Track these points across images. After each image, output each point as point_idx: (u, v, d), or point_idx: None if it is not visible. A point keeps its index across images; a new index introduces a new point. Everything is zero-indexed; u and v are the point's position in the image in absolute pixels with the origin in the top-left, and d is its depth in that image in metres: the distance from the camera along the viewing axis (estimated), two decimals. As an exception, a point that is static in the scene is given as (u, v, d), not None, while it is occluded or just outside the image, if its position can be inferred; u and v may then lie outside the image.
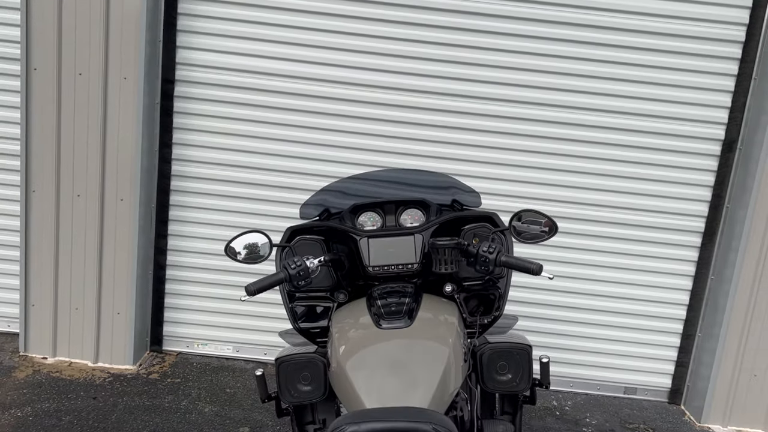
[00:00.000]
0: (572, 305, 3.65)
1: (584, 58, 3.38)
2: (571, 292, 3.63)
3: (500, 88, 3.41)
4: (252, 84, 3.43)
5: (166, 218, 3.56)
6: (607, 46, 3.37)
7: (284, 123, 3.46)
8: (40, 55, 3.21)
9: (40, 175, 3.32)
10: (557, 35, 3.36)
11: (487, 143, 3.47)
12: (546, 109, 3.44)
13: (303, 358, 1.97)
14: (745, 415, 3.52)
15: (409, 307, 1.94)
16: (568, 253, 3.57)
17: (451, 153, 3.47)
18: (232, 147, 3.49)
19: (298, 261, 1.99)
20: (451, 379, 1.75)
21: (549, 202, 3.47)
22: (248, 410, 3.22)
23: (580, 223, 3.55)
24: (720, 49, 3.36)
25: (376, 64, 3.40)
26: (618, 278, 3.62)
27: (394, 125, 3.46)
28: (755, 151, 3.31)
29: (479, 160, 3.48)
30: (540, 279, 3.48)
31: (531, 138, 3.47)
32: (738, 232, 3.38)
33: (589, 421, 3.46)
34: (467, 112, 3.44)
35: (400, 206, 2.25)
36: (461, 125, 3.45)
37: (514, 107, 3.44)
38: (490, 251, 1.97)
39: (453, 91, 3.41)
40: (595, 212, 3.55)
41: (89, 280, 3.42)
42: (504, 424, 2.12)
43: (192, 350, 3.71)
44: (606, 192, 3.53)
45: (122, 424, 3.00)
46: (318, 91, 3.43)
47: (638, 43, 3.36)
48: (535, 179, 3.51)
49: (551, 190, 3.51)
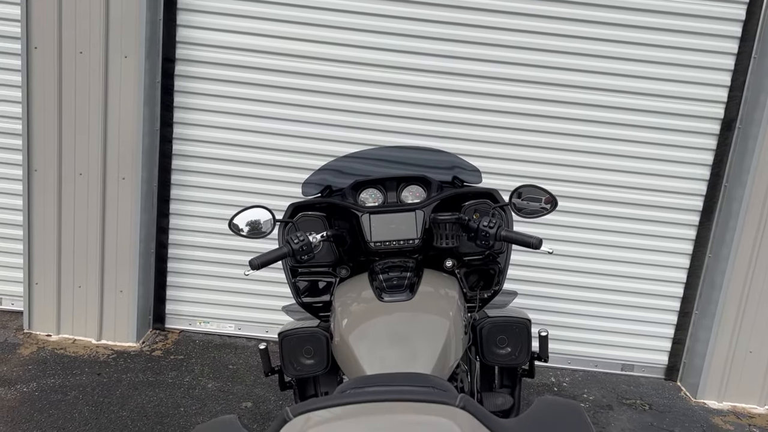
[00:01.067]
0: (570, 283, 3.68)
1: (583, 36, 3.38)
2: (569, 270, 3.66)
3: (497, 66, 3.42)
4: (253, 63, 3.43)
5: (168, 197, 3.58)
6: (607, 25, 3.37)
7: (286, 102, 3.47)
8: (40, 33, 3.21)
9: (42, 154, 3.33)
10: (553, 13, 3.34)
11: (481, 122, 3.48)
12: (545, 88, 3.44)
13: (306, 332, 2.00)
14: (739, 391, 3.57)
15: (410, 281, 1.97)
16: (566, 232, 3.60)
17: (449, 132, 3.48)
18: (233, 126, 3.50)
19: (300, 236, 2.01)
20: (452, 350, 1.79)
21: (548, 181, 3.48)
22: (251, 386, 3.27)
23: (578, 201, 3.57)
24: (720, 28, 3.37)
25: (376, 42, 3.41)
26: (616, 256, 3.65)
27: (395, 104, 3.47)
28: (754, 130, 3.32)
29: (475, 139, 3.49)
30: (539, 257, 3.56)
31: (529, 117, 3.48)
32: (735, 210, 3.40)
33: (586, 397, 3.51)
34: (461, 90, 3.44)
35: (401, 183, 2.27)
36: (459, 104, 3.46)
37: (514, 86, 3.44)
38: (490, 226, 1.99)
39: (452, 70, 3.42)
40: (594, 191, 3.57)
41: (92, 258, 3.44)
42: (503, 396, 2.16)
43: (194, 328, 3.75)
44: (605, 171, 3.55)
45: (127, 399, 3.04)
46: (319, 69, 3.43)
47: (637, 21, 3.36)
48: (534, 158, 3.53)
49: (549, 169, 3.53)
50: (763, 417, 3.51)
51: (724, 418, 3.45)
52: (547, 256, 3.43)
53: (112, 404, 3.00)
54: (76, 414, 2.90)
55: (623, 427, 3.25)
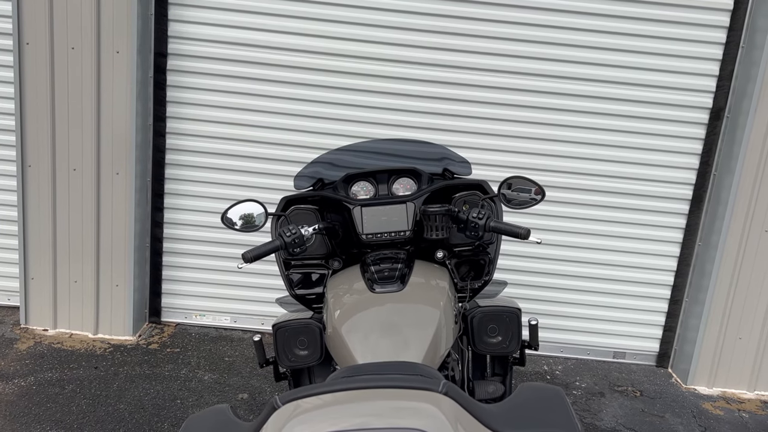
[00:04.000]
0: (562, 272, 3.72)
1: (571, 27, 3.39)
2: (560, 260, 3.70)
3: (487, 58, 3.44)
4: (244, 56, 3.44)
5: (162, 191, 3.59)
6: (594, 15, 3.38)
7: (279, 96, 3.49)
8: (31, 29, 3.21)
9: (36, 150, 3.34)
10: (544, 4, 3.37)
11: (473, 113, 3.50)
12: (533, 78, 3.46)
13: (299, 323, 2.03)
14: (729, 376, 3.62)
15: (401, 273, 1.99)
16: (556, 222, 3.63)
17: (441, 124, 3.51)
18: (226, 120, 3.52)
19: (293, 229, 2.04)
20: (443, 339, 1.82)
21: (538, 171, 3.52)
22: (247, 377, 3.30)
23: (568, 191, 3.60)
24: (708, 17, 3.39)
25: (369, 35, 3.42)
26: (607, 245, 3.69)
27: (386, 96, 3.49)
28: (742, 119, 3.36)
29: (467, 131, 3.52)
30: (530, 247, 3.60)
31: (518, 108, 3.50)
32: (724, 198, 3.44)
33: (579, 385, 3.56)
34: (454, 82, 3.46)
35: (392, 175, 2.30)
36: (450, 95, 3.48)
37: (502, 77, 3.46)
38: (479, 217, 2.02)
39: (439, 62, 3.44)
40: (584, 180, 3.60)
41: (87, 253, 3.46)
42: (494, 384, 2.19)
43: (190, 321, 3.78)
44: (594, 160, 3.58)
45: (124, 392, 3.08)
46: (311, 63, 3.45)
47: (625, 11, 3.38)
48: (523, 149, 3.55)
49: (539, 160, 3.56)
50: (752, 402, 3.56)
51: (714, 403, 3.51)
52: (537, 246, 3.48)
53: (109, 397, 3.03)
54: (74, 407, 2.93)
55: (615, 413, 3.30)
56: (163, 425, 2.87)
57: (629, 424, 3.22)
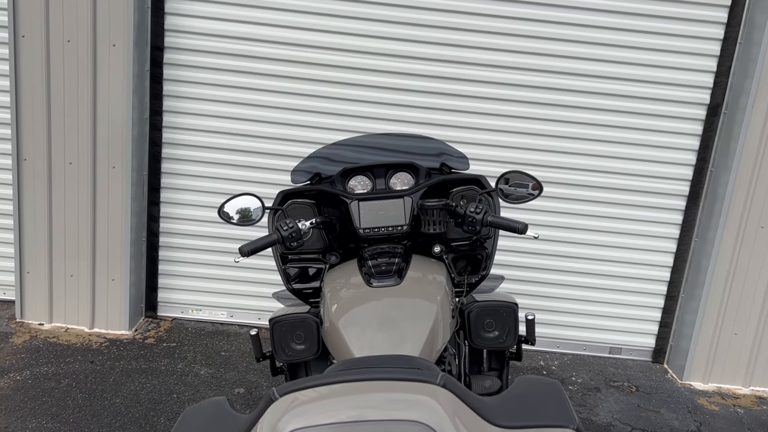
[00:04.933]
0: (559, 268, 3.72)
1: (570, 23, 3.39)
2: (557, 256, 3.70)
3: (483, 53, 3.43)
4: (242, 50, 3.43)
5: (158, 185, 3.58)
6: (592, 11, 3.38)
7: (276, 90, 3.48)
8: (27, 22, 3.19)
9: (31, 143, 3.33)
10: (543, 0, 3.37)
11: (470, 108, 3.50)
12: (532, 74, 3.46)
13: (296, 317, 2.02)
14: (724, 372, 3.63)
15: (398, 267, 1.99)
16: (553, 217, 3.64)
17: (438, 119, 3.50)
18: (223, 114, 3.51)
19: (290, 223, 2.03)
20: (440, 333, 1.82)
21: (534, 167, 3.51)
22: (243, 372, 3.30)
23: (566, 187, 3.60)
24: (706, 13, 3.39)
25: (366, 29, 3.41)
26: (604, 241, 3.69)
27: (384, 91, 3.48)
28: (739, 115, 3.36)
29: (464, 126, 3.51)
30: (528, 243, 3.59)
31: (516, 103, 3.50)
32: (721, 194, 3.45)
33: (575, 380, 3.56)
34: (451, 77, 3.46)
35: (389, 170, 2.29)
36: (447, 90, 3.47)
37: (499, 72, 3.46)
38: (477, 212, 2.02)
39: (436, 57, 3.43)
40: (582, 176, 3.60)
41: (83, 247, 3.45)
42: (491, 379, 2.19)
43: (187, 316, 3.78)
44: (592, 156, 3.58)
45: (120, 386, 3.07)
46: (308, 57, 3.44)
47: (623, 7, 3.38)
48: (522, 144, 3.55)
49: (536, 155, 3.56)
50: (748, 398, 3.58)
51: (709, 399, 3.52)
52: (535, 241, 3.48)
53: (105, 391, 3.02)
54: (70, 401, 2.93)
55: (611, 408, 3.31)
56: (159, 419, 2.87)
57: (625, 419, 3.22)
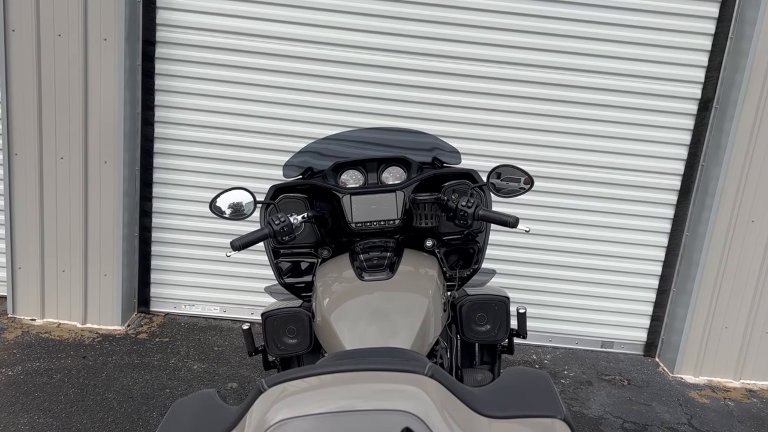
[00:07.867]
0: (551, 263, 3.74)
1: (560, 17, 3.40)
2: (549, 250, 3.72)
3: (472, 47, 3.43)
4: (234, 45, 3.42)
5: (151, 180, 3.57)
6: (582, 5, 3.39)
7: (268, 84, 3.47)
8: (17, 16, 3.17)
9: (22, 138, 3.31)
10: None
11: (461, 103, 3.50)
12: (523, 69, 3.47)
13: (288, 312, 2.02)
14: (715, 365, 3.66)
15: (390, 261, 2.00)
16: (544, 212, 3.65)
17: (428, 113, 3.50)
18: (215, 109, 3.50)
19: (282, 217, 2.03)
20: (431, 327, 1.82)
21: (526, 161, 3.52)
22: (236, 367, 3.30)
23: (557, 182, 3.62)
24: (697, 8, 3.40)
25: (356, 24, 3.41)
26: (595, 235, 3.71)
27: (374, 86, 3.48)
28: (730, 110, 3.37)
29: (454, 120, 3.52)
30: (519, 237, 3.60)
31: (507, 98, 3.51)
32: (712, 189, 3.46)
33: (567, 374, 3.58)
34: (441, 71, 3.45)
35: (381, 164, 2.29)
36: (437, 85, 3.48)
37: (494, 67, 3.47)
38: (468, 206, 2.02)
39: (426, 51, 3.43)
40: (572, 171, 3.61)
41: (75, 242, 3.44)
42: (483, 372, 2.20)
43: (179, 311, 3.77)
44: (583, 151, 3.59)
45: (112, 382, 3.07)
46: (299, 51, 3.43)
47: (613, 1, 3.38)
48: (512, 139, 3.56)
49: (528, 149, 3.56)
50: (738, 391, 3.60)
51: (700, 392, 3.54)
52: (526, 236, 3.49)
53: (97, 386, 3.02)
54: (62, 396, 2.92)
55: (602, 402, 3.33)
56: (152, 414, 2.87)
57: (616, 412, 3.24)
